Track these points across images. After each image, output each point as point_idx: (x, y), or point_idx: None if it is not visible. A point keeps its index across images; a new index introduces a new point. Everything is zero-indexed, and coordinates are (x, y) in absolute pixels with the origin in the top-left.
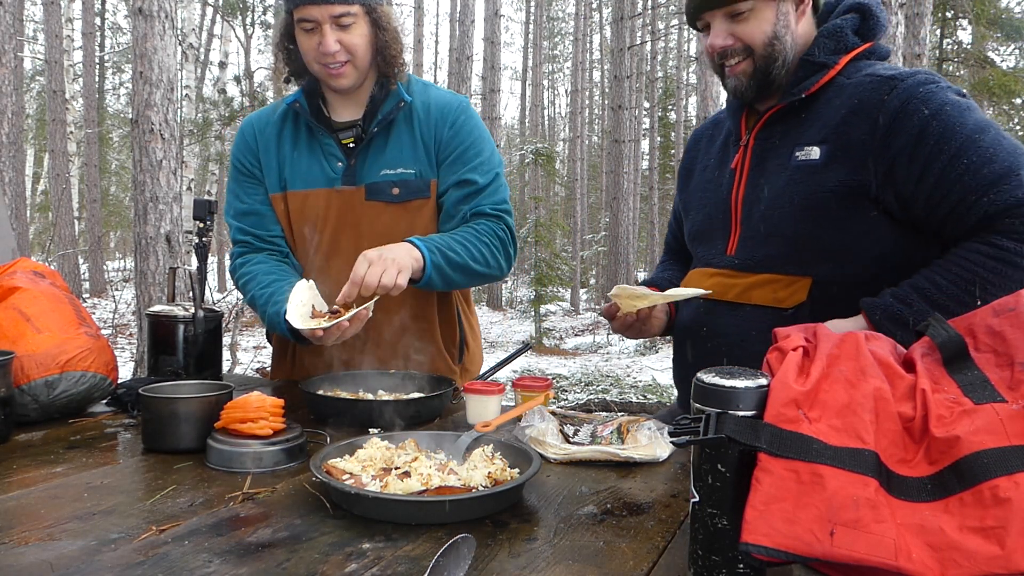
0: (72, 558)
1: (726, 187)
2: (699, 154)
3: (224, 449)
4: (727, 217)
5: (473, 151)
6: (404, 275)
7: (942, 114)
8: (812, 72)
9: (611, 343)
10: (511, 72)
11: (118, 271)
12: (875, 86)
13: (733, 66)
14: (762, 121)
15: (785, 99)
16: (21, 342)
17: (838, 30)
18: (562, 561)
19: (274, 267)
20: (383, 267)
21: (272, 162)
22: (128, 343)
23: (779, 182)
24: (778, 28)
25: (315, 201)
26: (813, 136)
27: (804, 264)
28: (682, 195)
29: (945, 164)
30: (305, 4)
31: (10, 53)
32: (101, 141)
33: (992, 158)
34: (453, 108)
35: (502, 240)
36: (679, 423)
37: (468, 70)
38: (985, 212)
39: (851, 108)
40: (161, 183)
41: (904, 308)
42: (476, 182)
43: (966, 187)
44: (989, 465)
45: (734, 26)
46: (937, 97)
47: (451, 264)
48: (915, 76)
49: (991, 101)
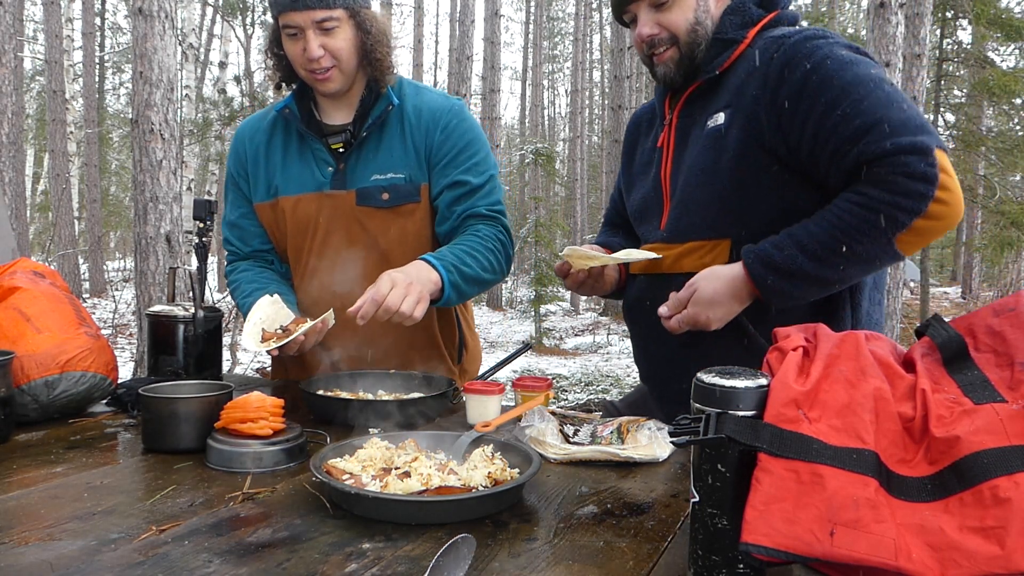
0: (72, 558)
1: (656, 166)
2: (639, 136)
3: (224, 449)
4: (659, 194)
5: (467, 153)
6: (422, 307)
7: (822, 67)
8: (723, 49)
9: (611, 343)
10: (511, 72)
11: (118, 271)
12: (767, 45)
13: (660, 54)
14: (682, 99)
15: (701, 76)
16: (21, 342)
17: (740, 4)
18: (562, 561)
19: (257, 276)
20: (406, 292)
21: (260, 170)
22: (128, 343)
23: (694, 152)
24: (699, 13)
25: (306, 206)
26: (719, 104)
27: (721, 227)
28: (625, 176)
29: (820, 114)
30: (287, 10)
31: (10, 53)
32: (101, 141)
33: (863, 110)
34: (445, 112)
35: (503, 243)
36: (679, 423)
37: (468, 70)
38: (855, 161)
39: (748, 71)
40: (161, 183)
41: (776, 252)
42: (470, 183)
43: (840, 137)
44: (989, 465)
45: (658, 15)
46: (821, 51)
47: (466, 279)
48: (802, 32)
49: (991, 101)
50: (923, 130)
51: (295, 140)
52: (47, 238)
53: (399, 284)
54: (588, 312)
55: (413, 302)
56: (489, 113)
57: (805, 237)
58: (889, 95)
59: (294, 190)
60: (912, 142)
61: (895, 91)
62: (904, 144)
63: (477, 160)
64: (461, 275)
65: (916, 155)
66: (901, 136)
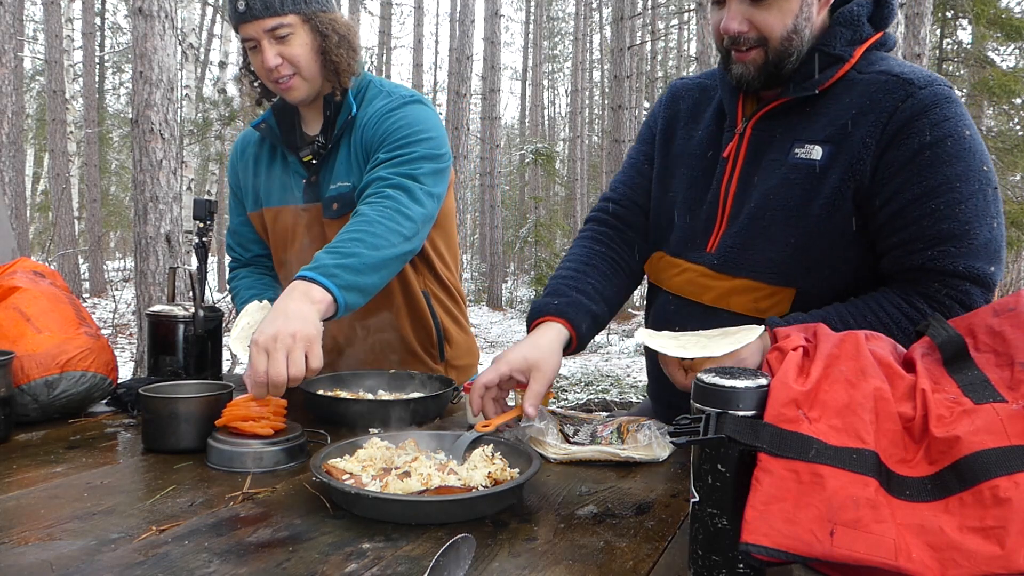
0: (72, 558)
1: (717, 177)
2: (679, 117)
3: (224, 449)
4: (713, 209)
5: (393, 138)
6: (315, 347)
7: (941, 146)
8: (827, 64)
9: (611, 343)
10: (511, 72)
11: (118, 271)
12: (891, 88)
13: (743, 52)
14: (764, 111)
15: (795, 92)
16: (21, 342)
17: (855, 18)
18: (562, 561)
19: (255, 282)
20: (284, 352)
21: (249, 181)
22: (128, 343)
23: (773, 180)
24: (799, 20)
25: (284, 218)
26: (817, 133)
27: (790, 274)
28: (663, 159)
29: (915, 196)
30: (240, 23)
31: (10, 53)
32: (101, 141)
33: (956, 215)
34: (384, 110)
35: (395, 207)
36: (679, 423)
37: (468, 70)
38: (922, 265)
39: (861, 107)
40: (161, 183)
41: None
42: (379, 158)
43: (920, 230)
44: (989, 465)
45: (753, 11)
46: (948, 124)
47: (359, 271)
48: (932, 87)
49: (991, 101)
50: (997, 258)
51: (277, 153)
52: (47, 238)
53: (272, 350)
54: None
55: (300, 359)
56: (489, 113)
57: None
58: (987, 204)
59: (275, 202)
60: (984, 272)
61: (995, 198)
62: (975, 271)
63: (401, 143)
64: (351, 270)
65: (980, 288)
66: (977, 260)
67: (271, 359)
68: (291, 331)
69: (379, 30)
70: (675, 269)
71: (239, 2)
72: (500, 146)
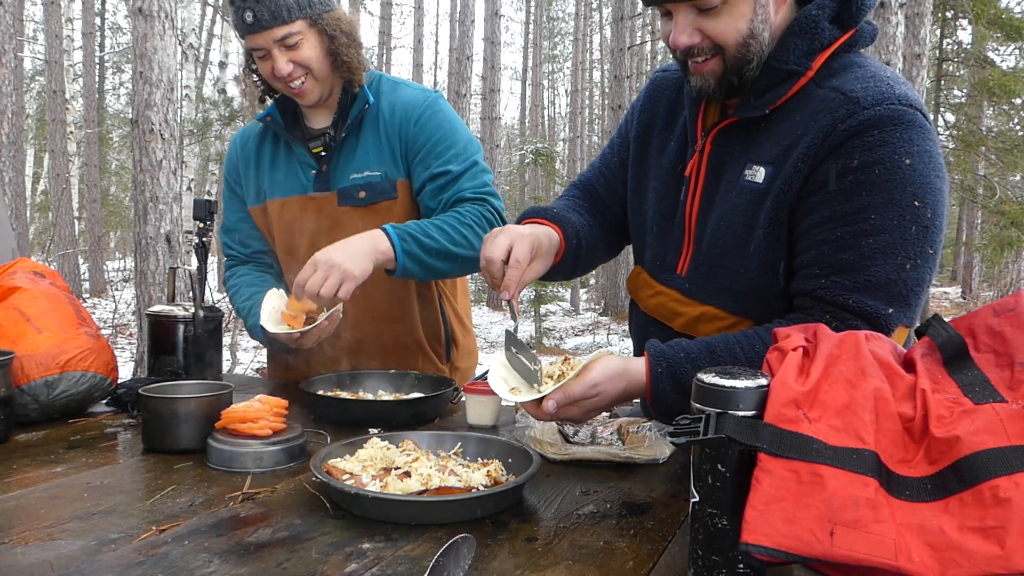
0: (72, 558)
1: (683, 195)
2: (655, 122)
3: (224, 449)
4: (681, 229)
5: (444, 144)
6: (348, 285)
7: (866, 172)
8: (779, 80)
9: (611, 343)
10: (511, 72)
11: (118, 271)
12: (834, 106)
13: (700, 64)
14: (720, 126)
15: (744, 112)
16: (21, 342)
17: (811, 24)
18: (562, 561)
19: (257, 279)
20: (326, 275)
21: (251, 176)
22: (128, 343)
23: (725, 204)
24: (755, 24)
25: (291, 209)
26: (763, 154)
27: (746, 305)
28: (638, 168)
29: (822, 220)
30: (249, 34)
31: (10, 53)
32: (101, 141)
33: (861, 247)
34: (418, 105)
35: (488, 221)
36: (679, 423)
37: (468, 70)
38: (814, 292)
39: (805, 127)
40: (161, 183)
41: (691, 369)
42: (451, 171)
43: (819, 255)
44: (989, 465)
45: (703, 21)
46: (880, 151)
47: (427, 250)
48: (881, 107)
49: (991, 101)
50: (901, 301)
51: (281, 146)
52: (47, 238)
53: (320, 266)
54: (588, 312)
55: (334, 284)
56: (489, 113)
57: (726, 357)
58: (903, 242)
59: (280, 194)
60: (877, 312)
61: (918, 236)
62: (867, 309)
63: (456, 150)
64: (420, 245)
65: (872, 327)
66: (871, 299)
67: (314, 275)
68: (338, 262)
69: (379, 30)
70: (651, 290)
71: (246, 13)
72: (500, 146)
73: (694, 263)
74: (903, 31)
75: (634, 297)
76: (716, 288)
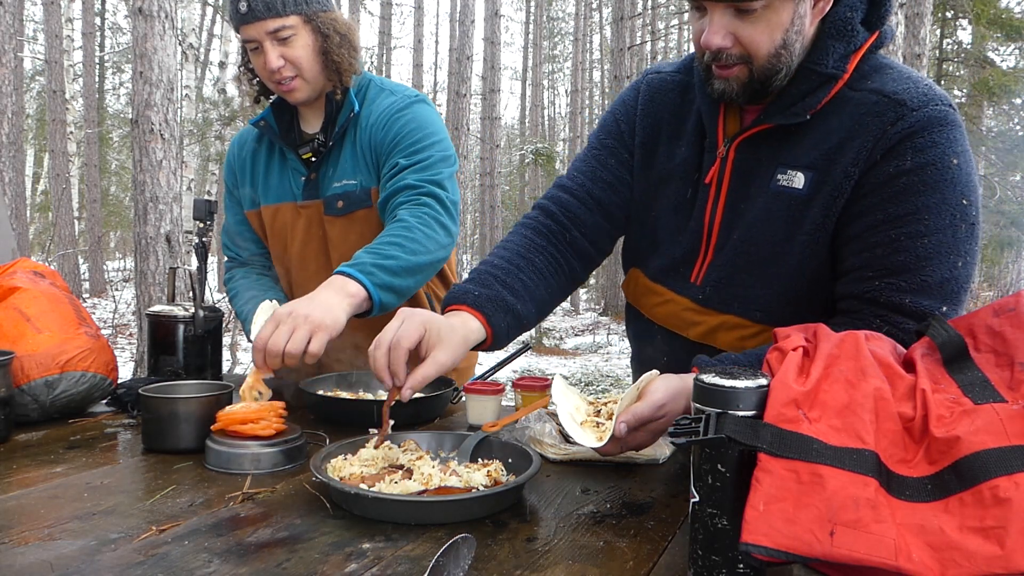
0: (72, 558)
1: (700, 203)
2: (662, 128)
3: (222, 451)
4: (697, 237)
5: (408, 141)
6: (320, 337)
7: (919, 173)
8: (818, 84)
9: (611, 343)
10: (511, 72)
11: (118, 271)
12: (881, 110)
13: (725, 68)
14: (746, 134)
15: (782, 119)
16: (21, 342)
17: (847, 26)
18: (562, 561)
19: (255, 282)
20: (291, 329)
21: (247, 180)
22: (128, 343)
23: (756, 209)
24: (789, 35)
25: (283, 216)
26: (800, 158)
27: (776, 314)
28: (645, 176)
29: (876, 222)
30: (242, 24)
31: (10, 53)
32: (101, 141)
33: (916, 248)
34: (392, 110)
35: (433, 216)
36: (679, 423)
37: (468, 70)
38: (867, 294)
39: (850, 131)
40: (161, 183)
41: None
42: (399, 163)
43: (873, 258)
44: (989, 465)
45: (739, 24)
46: (931, 152)
47: (396, 273)
48: (927, 108)
49: (991, 101)
50: (954, 300)
51: (275, 151)
52: (47, 238)
53: (284, 321)
54: (588, 312)
55: (302, 338)
56: (489, 113)
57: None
58: (955, 242)
59: (273, 200)
60: (932, 312)
61: (967, 235)
62: (923, 310)
63: (417, 146)
64: (388, 271)
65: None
66: (927, 299)
67: (277, 331)
68: (305, 313)
69: (379, 30)
70: (658, 297)
71: (241, 3)
72: (500, 146)
73: (712, 271)
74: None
75: (635, 304)
76: (738, 296)
